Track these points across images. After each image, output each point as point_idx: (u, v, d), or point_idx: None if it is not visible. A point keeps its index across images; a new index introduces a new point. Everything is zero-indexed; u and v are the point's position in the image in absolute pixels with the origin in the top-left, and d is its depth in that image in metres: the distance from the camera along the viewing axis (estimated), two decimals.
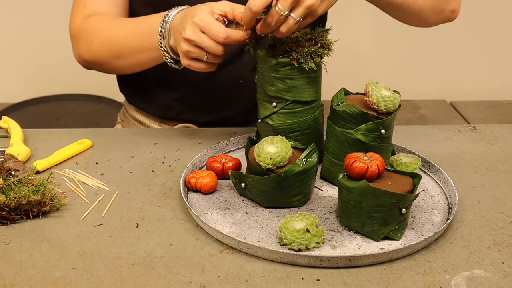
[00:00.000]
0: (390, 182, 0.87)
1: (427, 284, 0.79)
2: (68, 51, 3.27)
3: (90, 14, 1.20)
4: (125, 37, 1.13)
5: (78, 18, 1.21)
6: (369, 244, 0.87)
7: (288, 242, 0.84)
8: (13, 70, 3.00)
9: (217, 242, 0.87)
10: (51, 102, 2.92)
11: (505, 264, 0.83)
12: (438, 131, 1.24)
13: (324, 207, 0.96)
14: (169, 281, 0.79)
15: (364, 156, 0.88)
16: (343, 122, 0.97)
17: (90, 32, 1.18)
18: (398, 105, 0.96)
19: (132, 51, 1.13)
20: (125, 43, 1.13)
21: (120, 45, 1.14)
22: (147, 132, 1.21)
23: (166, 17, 1.05)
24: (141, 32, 1.10)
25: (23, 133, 1.15)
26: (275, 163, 0.91)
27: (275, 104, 1.00)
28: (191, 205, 0.95)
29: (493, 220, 0.93)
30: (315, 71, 0.99)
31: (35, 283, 0.78)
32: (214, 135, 1.19)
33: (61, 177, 1.03)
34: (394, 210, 0.85)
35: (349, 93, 1.02)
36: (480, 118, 3.00)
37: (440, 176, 1.03)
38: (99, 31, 1.17)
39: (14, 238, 0.87)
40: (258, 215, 0.93)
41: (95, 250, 0.85)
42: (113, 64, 1.17)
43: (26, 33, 2.92)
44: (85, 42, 1.19)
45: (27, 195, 0.90)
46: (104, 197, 0.97)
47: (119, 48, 1.14)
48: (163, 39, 1.05)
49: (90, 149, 1.13)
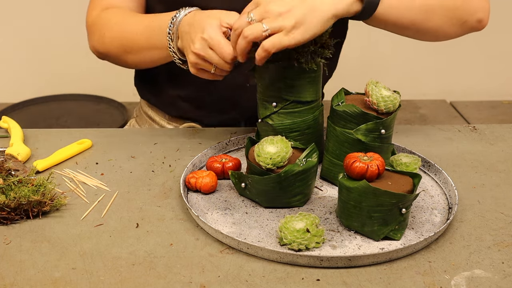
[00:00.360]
0: (390, 182, 0.87)
1: (427, 284, 0.79)
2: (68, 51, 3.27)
3: (107, 6, 1.22)
4: (135, 34, 1.14)
5: (95, 10, 1.24)
6: (369, 244, 0.87)
7: (288, 242, 0.84)
8: (13, 70, 3.00)
9: (217, 242, 0.87)
10: (51, 102, 2.92)
11: (505, 264, 0.83)
12: (438, 131, 1.24)
13: (324, 207, 0.96)
14: (169, 281, 0.79)
15: (364, 156, 0.88)
16: (343, 122, 0.97)
17: (103, 25, 1.20)
18: (398, 105, 0.96)
19: (142, 48, 1.14)
20: (136, 40, 1.14)
21: (131, 41, 1.15)
22: (147, 132, 1.21)
23: (174, 19, 1.06)
24: (151, 30, 1.11)
25: (23, 133, 1.15)
26: (275, 163, 0.91)
27: (275, 104, 1.00)
28: (191, 205, 0.95)
29: (493, 220, 0.93)
30: (315, 71, 0.99)
31: (35, 283, 0.78)
32: (214, 135, 1.19)
33: (61, 177, 1.03)
34: (394, 210, 0.85)
35: (349, 93, 1.02)
36: (480, 118, 3.00)
37: (440, 176, 1.03)
38: (112, 25, 1.18)
39: (14, 238, 0.87)
40: (258, 215, 0.93)
41: (95, 250, 0.85)
42: (124, 58, 1.19)
43: (26, 33, 2.92)
44: (99, 35, 1.20)
45: (27, 195, 0.90)
46: (104, 197, 0.97)
47: (130, 44, 1.15)
48: (171, 41, 1.06)
49: (90, 149, 1.13)
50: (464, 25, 1.10)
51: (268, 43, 0.91)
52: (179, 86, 1.27)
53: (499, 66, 3.18)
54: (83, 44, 1.68)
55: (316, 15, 0.92)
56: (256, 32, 0.91)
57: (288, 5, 0.92)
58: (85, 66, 2.91)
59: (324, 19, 0.93)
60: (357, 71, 3.03)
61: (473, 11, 1.09)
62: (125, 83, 2.32)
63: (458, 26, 1.09)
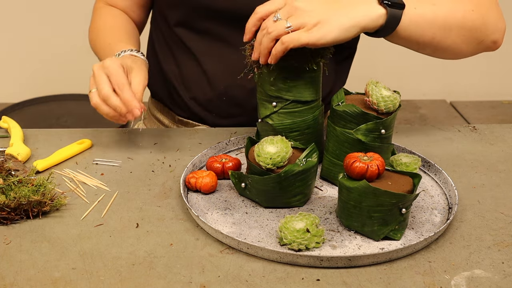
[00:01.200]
0: (390, 182, 0.87)
1: (427, 284, 0.79)
2: (68, 51, 3.27)
3: (109, 2, 1.32)
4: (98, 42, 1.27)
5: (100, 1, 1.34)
6: (369, 244, 0.87)
7: (288, 242, 0.84)
8: (13, 70, 3.00)
9: (217, 242, 0.87)
10: (51, 102, 2.92)
11: (505, 264, 0.83)
12: (438, 131, 1.24)
13: (324, 207, 0.96)
14: (169, 281, 0.79)
15: (364, 156, 0.88)
16: (343, 122, 0.97)
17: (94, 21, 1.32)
18: (398, 105, 0.96)
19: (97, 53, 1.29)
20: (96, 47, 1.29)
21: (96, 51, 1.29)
22: (147, 132, 1.21)
23: None
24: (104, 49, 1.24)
25: (23, 133, 1.15)
26: (275, 163, 0.91)
27: (275, 103, 1.00)
28: (191, 205, 0.95)
29: (493, 220, 0.93)
30: (315, 70, 0.99)
31: (35, 283, 0.78)
32: (214, 135, 1.19)
33: (61, 177, 1.03)
34: (394, 210, 0.85)
35: (349, 93, 1.02)
36: (480, 118, 3.00)
37: (440, 176, 1.03)
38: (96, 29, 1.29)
39: (14, 238, 0.87)
40: (258, 215, 0.93)
41: (95, 250, 0.85)
42: None
43: (26, 33, 2.92)
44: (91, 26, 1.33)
45: (27, 195, 0.90)
46: (104, 197, 0.97)
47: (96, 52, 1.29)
48: None
49: (90, 149, 1.13)
50: (480, 45, 1.11)
51: (287, 37, 0.92)
52: (190, 89, 1.27)
53: (499, 66, 3.18)
54: (83, 44, 1.68)
55: (340, 20, 0.93)
56: (280, 29, 0.92)
57: (315, 4, 0.93)
58: (85, 66, 2.90)
59: (347, 25, 0.94)
60: (357, 71, 3.02)
61: (490, 32, 1.10)
62: None
63: (474, 45, 1.10)
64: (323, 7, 0.94)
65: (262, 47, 0.95)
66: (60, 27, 2.88)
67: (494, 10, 1.10)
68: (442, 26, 1.04)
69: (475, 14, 1.06)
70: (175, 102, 1.31)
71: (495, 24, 1.10)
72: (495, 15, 1.10)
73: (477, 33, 1.08)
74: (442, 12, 1.04)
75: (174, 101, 1.31)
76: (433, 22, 1.03)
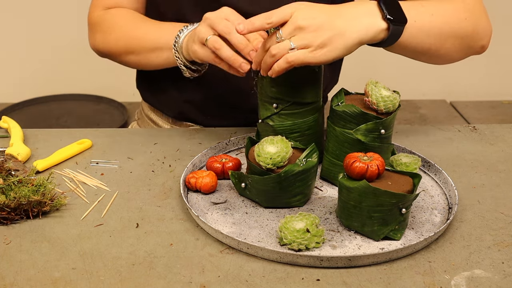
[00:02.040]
0: (390, 182, 0.87)
1: (427, 284, 0.79)
2: (68, 51, 3.27)
3: (111, 6, 1.24)
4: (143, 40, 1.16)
5: (98, 8, 1.25)
6: (369, 244, 0.87)
7: (288, 242, 0.84)
8: (13, 70, 3.00)
9: (217, 242, 0.87)
10: (51, 102, 2.92)
11: (505, 264, 0.83)
12: (438, 131, 1.24)
13: (324, 207, 0.96)
14: (169, 281, 0.79)
15: (364, 156, 0.88)
16: (343, 122, 0.97)
17: (109, 26, 1.21)
18: (398, 105, 0.96)
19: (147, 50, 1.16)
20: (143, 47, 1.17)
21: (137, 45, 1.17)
22: (147, 132, 1.21)
23: (177, 37, 1.08)
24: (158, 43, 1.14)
25: (23, 133, 1.15)
26: (275, 163, 0.91)
27: (276, 105, 1.00)
28: (191, 205, 0.95)
29: (493, 220, 0.93)
30: (316, 72, 0.99)
31: (35, 283, 0.78)
32: (214, 135, 1.19)
33: (61, 177, 1.03)
34: (394, 210, 0.85)
35: (349, 93, 1.02)
36: (480, 118, 3.00)
37: (440, 176, 1.03)
38: (120, 26, 1.20)
39: (14, 238, 0.87)
40: (258, 215, 0.93)
41: (95, 250, 0.85)
42: (126, 59, 1.21)
43: (26, 33, 2.92)
44: (103, 34, 1.22)
45: (27, 195, 0.90)
46: (104, 197, 0.97)
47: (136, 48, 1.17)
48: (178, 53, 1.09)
49: (90, 149, 1.13)
50: (469, 50, 1.13)
51: (292, 56, 0.92)
52: (184, 90, 1.27)
53: (499, 66, 3.17)
54: (83, 44, 1.68)
55: (343, 39, 0.93)
56: (283, 51, 0.92)
57: (318, 24, 0.92)
58: (85, 66, 2.91)
59: (350, 44, 0.94)
60: (357, 71, 3.03)
61: (479, 38, 1.12)
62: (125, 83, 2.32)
63: (465, 51, 1.13)
64: (327, 25, 0.92)
65: (264, 64, 0.95)
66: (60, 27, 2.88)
67: (484, 16, 1.12)
68: (438, 37, 1.06)
69: (467, 22, 1.08)
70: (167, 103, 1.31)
71: (484, 31, 1.12)
72: (485, 21, 1.12)
73: (468, 40, 1.10)
74: (439, 22, 1.05)
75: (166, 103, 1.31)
76: (431, 33, 1.05)
